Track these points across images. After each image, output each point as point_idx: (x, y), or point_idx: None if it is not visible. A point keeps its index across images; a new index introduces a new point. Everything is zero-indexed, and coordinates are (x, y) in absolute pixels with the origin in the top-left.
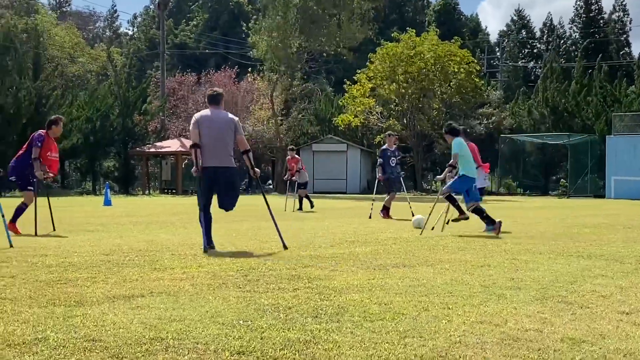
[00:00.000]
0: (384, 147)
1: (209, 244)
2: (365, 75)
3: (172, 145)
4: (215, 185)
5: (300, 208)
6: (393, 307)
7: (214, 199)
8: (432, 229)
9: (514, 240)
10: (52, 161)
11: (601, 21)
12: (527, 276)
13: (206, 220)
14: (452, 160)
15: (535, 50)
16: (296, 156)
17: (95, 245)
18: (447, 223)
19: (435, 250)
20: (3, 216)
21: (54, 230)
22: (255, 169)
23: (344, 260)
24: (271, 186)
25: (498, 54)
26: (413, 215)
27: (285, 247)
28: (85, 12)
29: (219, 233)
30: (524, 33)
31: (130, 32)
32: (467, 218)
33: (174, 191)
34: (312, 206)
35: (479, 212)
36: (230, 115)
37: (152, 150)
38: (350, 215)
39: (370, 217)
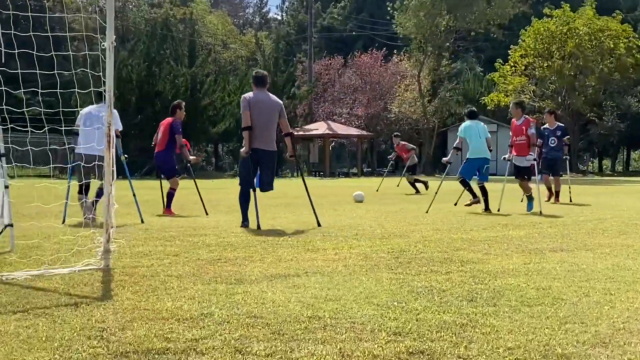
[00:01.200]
0: (544, 125)
1: (244, 222)
2: (518, 53)
3: (319, 128)
4: (258, 166)
5: (417, 191)
6: (552, 292)
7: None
8: (540, 213)
9: None
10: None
11: None
12: None
13: (245, 198)
14: (457, 142)
15: None
16: (402, 142)
17: (250, 225)
18: (455, 204)
19: (594, 234)
20: (135, 195)
21: (207, 214)
22: (293, 152)
23: (497, 243)
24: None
25: None
26: (571, 201)
27: (319, 224)
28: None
29: (369, 215)
30: None
31: (279, 17)
32: (478, 202)
33: (321, 173)
34: (426, 187)
35: (464, 184)
36: (276, 98)
37: (300, 133)
38: (499, 197)
39: (522, 201)
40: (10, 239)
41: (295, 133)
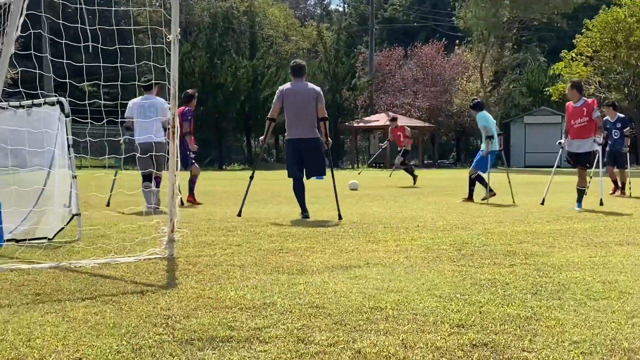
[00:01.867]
0: (604, 117)
1: (303, 213)
2: (584, 43)
3: (380, 119)
4: (300, 156)
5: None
6: (618, 286)
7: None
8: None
9: None
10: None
11: None
12: None
13: (297, 190)
14: (486, 133)
15: None
16: (404, 125)
17: (311, 216)
18: (542, 203)
19: None
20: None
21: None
22: (329, 139)
23: (561, 236)
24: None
25: None
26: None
27: (340, 217)
28: None
29: (430, 207)
30: None
31: (341, 9)
32: (495, 194)
33: (382, 165)
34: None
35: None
36: (312, 86)
37: (361, 124)
38: (565, 190)
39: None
40: (77, 227)
41: (356, 124)
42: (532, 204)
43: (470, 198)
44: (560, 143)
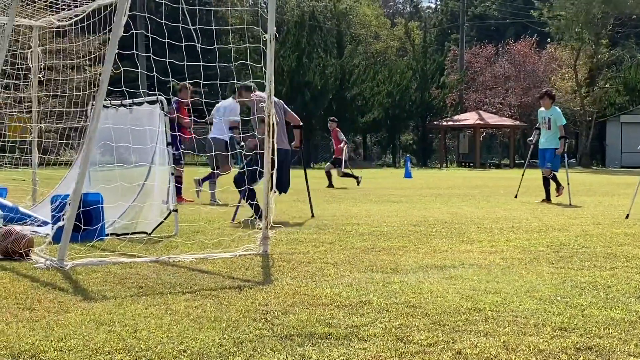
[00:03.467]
0: None
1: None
2: None
3: (469, 118)
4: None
5: (331, 183)
6: None
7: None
8: None
9: None
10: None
11: None
12: None
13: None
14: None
15: None
16: (337, 129)
17: (402, 216)
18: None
19: None
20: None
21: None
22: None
23: None
24: (573, 160)
25: None
26: None
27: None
28: None
29: (524, 207)
30: None
31: (431, 6)
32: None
33: (471, 164)
34: (358, 182)
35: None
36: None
37: (450, 123)
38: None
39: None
40: (175, 223)
41: (445, 123)
42: (627, 206)
43: (548, 199)
44: None
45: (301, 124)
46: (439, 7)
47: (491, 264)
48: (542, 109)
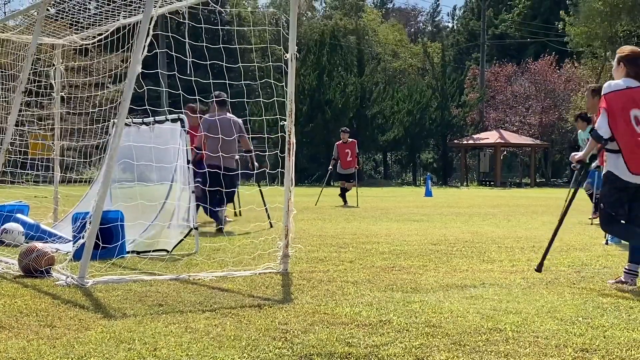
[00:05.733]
0: None
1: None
2: None
3: (490, 136)
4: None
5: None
6: None
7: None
8: None
9: None
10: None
11: None
12: None
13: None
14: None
15: None
16: (350, 140)
17: (422, 234)
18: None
19: None
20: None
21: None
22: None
23: None
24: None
25: None
26: None
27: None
28: (408, 9)
29: (545, 227)
30: None
31: (449, 25)
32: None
33: (492, 183)
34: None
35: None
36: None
37: (470, 142)
38: None
39: None
40: (195, 240)
41: (465, 142)
42: None
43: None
44: None
45: (251, 148)
46: (456, 27)
47: (512, 283)
48: (580, 130)
